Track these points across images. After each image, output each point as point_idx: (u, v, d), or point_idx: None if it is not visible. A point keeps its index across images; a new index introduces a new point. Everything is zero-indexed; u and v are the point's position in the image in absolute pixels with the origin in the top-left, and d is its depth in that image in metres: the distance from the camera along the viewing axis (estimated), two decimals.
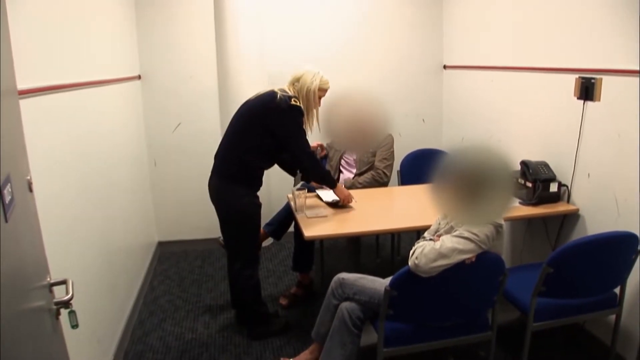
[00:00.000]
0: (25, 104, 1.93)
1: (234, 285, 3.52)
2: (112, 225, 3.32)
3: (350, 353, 2.67)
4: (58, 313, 1.59)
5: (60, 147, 2.44)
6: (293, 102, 3.08)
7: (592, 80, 3.07)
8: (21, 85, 1.90)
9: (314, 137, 4.43)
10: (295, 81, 3.20)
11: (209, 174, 3.28)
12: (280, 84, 3.22)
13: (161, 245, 4.98)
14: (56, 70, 2.47)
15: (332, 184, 3.42)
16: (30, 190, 1.52)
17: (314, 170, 3.37)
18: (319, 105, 3.24)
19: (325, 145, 4.42)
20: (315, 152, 4.38)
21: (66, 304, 1.57)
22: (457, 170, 2.18)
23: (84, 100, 2.90)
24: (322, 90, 3.24)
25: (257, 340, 3.38)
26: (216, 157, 3.27)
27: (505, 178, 2.20)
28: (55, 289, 1.60)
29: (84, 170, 2.77)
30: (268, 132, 3.12)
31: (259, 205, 3.26)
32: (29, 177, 1.51)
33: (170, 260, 4.80)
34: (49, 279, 1.57)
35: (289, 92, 3.15)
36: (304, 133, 3.19)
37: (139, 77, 4.59)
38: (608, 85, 3.00)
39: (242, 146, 3.13)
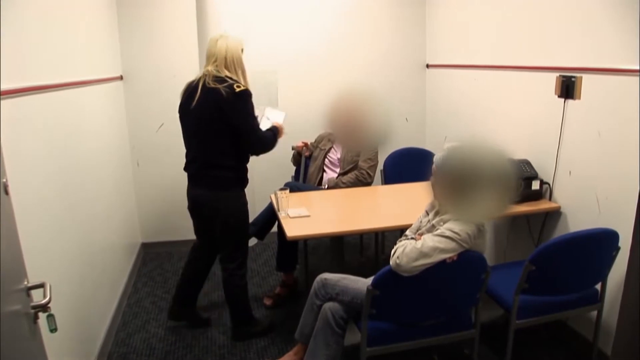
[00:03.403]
0: (4, 105, 1.91)
1: (193, 284, 3.53)
2: (94, 227, 3.29)
3: (334, 353, 2.67)
4: (36, 317, 1.57)
5: (41, 149, 2.41)
6: (237, 88, 2.94)
7: (573, 79, 3.09)
8: (2, 86, 1.89)
9: (302, 135, 4.44)
10: (214, 59, 3.02)
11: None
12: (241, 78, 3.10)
13: (145, 246, 4.96)
14: (36, 70, 2.44)
15: (276, 133, 3.32)
16: (7, 193, 1.50)
17: (267, 148, 3.21)
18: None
19: (309, 144, 4.42)
20: (301, 151, 4.39)
21: (44, 307, 1.55)
22: (461, 165, 2.23)
23: (65, 101, 2.87)
24: (242, 51, 3.11)
25: (240, 340, 3.38)
26: (191, 166, 3.16)
27: (508, 177, 2.25)
28: (35, 292, 1.59)
29: (65, 171, 2.75)
30: (234, 129, 3.02)
31: (246, 204, 3.25)
32: (5, 180, 1.49)
33: (154, 261, 4.78)
34: (26, 283, 1.55)
35: (221, 74, 2.99)
36: (255, 117, 3.12)
37: (121, 77, 4.56)
38: (588, 84, 3.02)
39: (219, 152, 3.03)
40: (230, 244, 3.25)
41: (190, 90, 3.06)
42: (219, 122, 2.96)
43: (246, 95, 2.99)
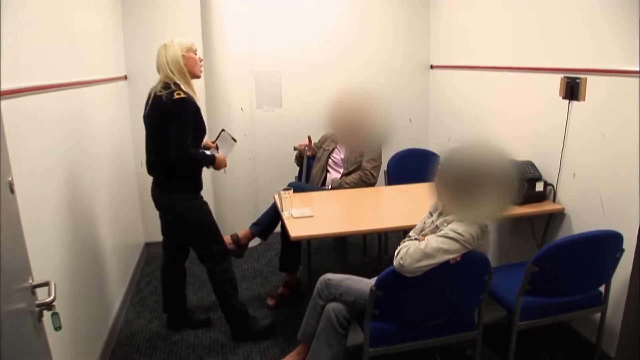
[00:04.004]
0: (8, 105, 1.92)
1: (173, 286, 3.53)
2: (98, 226, 3.30)
3: (337, 353, 2.67)
4: (41, 315, 1.58)
5: (46, 148, 2.42)
6: (176, 95, 2.90)
7: (577, 80, 3.09)
8: (5, 85, 1.89)
9: (305, 136, 4.44)
10: (160, 70, 3.01)
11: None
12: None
13: (148, 246, 4.95)
14: (40, 70, 2.45)
15: (210, 161, 3.19)
16: (12, 191, 1.50)
17: (188, 164, 3.06)
18: (198, 62, 3.09)
19: (313, 145, 4.43)
20: (303, 152, 4.39)
21: (48, 305, 1.56)
22: (464, 166, 2.24)
23: (70, 100, 2.88)
24: (189, 51, 3.04)
25: (240, 341, 3.38)
26: (150, 168, 3.18)
27: (509, 178, 2.25)
28: (39, 291, 1.59)
29: (69, 171, 2.75)
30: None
31: (204, 204, 3.22)
32: (10, 179, 1.50)
33: (158, 261, 4.72)
34: (31, 281, 1.56)
35: (169, 82, 2.97)
36: (187, 129, 2.96)
37: (125, 77, 4.56)
38: (593, 85, 3.02)
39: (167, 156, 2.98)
40: (198, 244, 3.26)
41: (147, 97, 3.07)
42: (164, 127, 2.95)
43: (183, 102, 2.93)
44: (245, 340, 3.38)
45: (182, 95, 2.92)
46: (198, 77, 3.12)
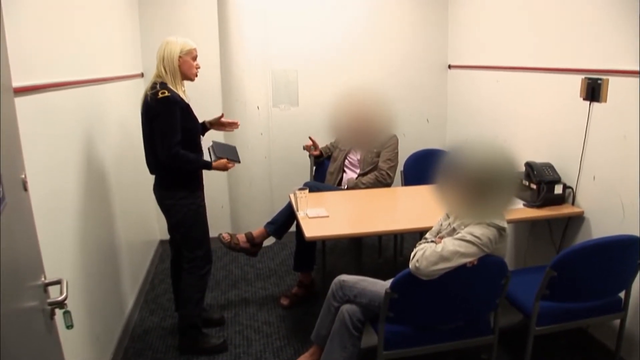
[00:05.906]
0: (25, 102, 1.92)
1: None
2: (112, 223, 3.31)
3: (350, 355, 2.65)
4: (53, 313, 1.57)
5: (61, 145, 2.43)
6: (160, 95, 2.86)
7: (599, 81, 3.04)
8: (22, 82, 1.89)
9: (321, 136, 4.41)
10: (160, 61, 3.00)
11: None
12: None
13: (163, 243, 4.95)
14: (58, 67, 2.45)
15: (207, 165, 3.15)
16: (25, 189, 1.50)
17: (177, 165, 3.02)
18: (195, 69, 3.06)
19: (327, 145, 4.41)
20: (309, 150, 4.38)
21: (60, 304, 1.55)
22: (462, 168, 2.22)
23: (86, 97, 2.89)
24: (188, 54, 3.01)
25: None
26: (150, 167, 3.17)
27: (510, 176, 2.22)
28: (53, 289, 1.58)
29: (83, 167, 2.76)
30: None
31: (199, 205, 3.19)
32: (23, 176, 1.49)
33: None
34: (43, 279, 1.55)
35: (157, 80, 2.96)
36: (174, 129, 2.91)
37: (142, 75, 4.57)
38: (615, 87, 2.97)
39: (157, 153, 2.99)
40: (184, 244, 3.21)
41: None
42: (151, 127, 2.94)
43: (166, 101, 2.88)
44: (191, 354, 3.26)
45: (166, 94, 2.88)
46: (192, 80, 3.08)
